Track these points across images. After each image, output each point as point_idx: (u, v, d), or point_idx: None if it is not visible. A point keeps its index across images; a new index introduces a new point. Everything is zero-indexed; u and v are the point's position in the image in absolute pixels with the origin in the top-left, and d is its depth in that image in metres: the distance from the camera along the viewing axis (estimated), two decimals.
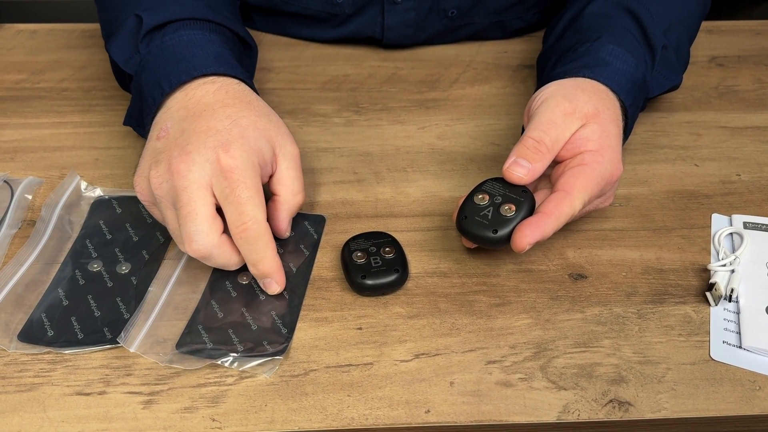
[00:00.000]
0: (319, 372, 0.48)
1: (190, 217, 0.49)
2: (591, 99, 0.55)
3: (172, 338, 0.49)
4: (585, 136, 0.53)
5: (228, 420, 0.45)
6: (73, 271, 0.53)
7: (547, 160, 0.53)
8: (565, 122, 0.53)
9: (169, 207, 0.50)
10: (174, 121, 0.53)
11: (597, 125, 0.54)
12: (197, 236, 0.49)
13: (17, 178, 0.61)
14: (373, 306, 0.52)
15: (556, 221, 0.50)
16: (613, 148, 0.54)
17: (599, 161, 0.52)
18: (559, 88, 0.57)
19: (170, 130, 0.52)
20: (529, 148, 0.52)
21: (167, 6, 0.60)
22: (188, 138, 0.51)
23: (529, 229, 0.50)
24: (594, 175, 0.52)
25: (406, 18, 0.76)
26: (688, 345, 0.50)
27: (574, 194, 0.51)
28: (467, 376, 0.48)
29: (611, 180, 0.54)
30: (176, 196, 0.49)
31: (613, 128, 0.55)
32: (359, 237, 0.55)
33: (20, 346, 0.49)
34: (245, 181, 0.49)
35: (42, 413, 0.45)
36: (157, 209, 0.52)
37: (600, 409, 0.46)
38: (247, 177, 0.49)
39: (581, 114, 0.54)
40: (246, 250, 0.50)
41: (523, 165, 0.52)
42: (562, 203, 0.51)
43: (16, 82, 0.73)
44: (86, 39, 0.79)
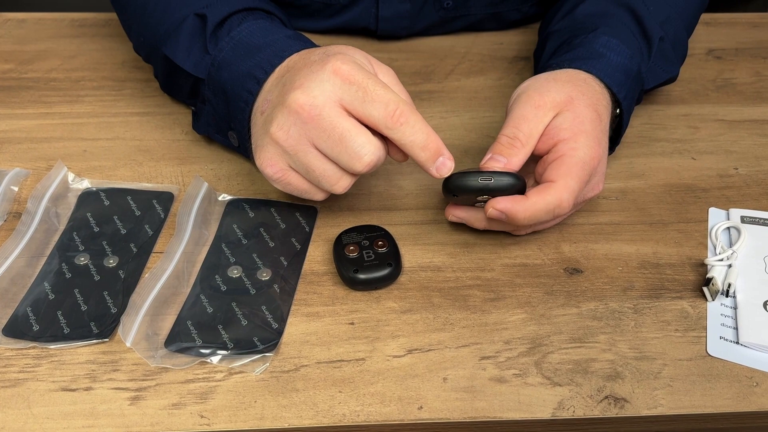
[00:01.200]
0: (310, 368, 0.47)
1: (345, 137, 0.47)
2: (564, 87, 0.55)
3: (161, 333, 0.48)
4: (558, 125, 0.53)
5: (217, 416, 0.44)
6: (60, 264, 0.52)
7: (523, 154, 0.52)
8: (536, 115, 0.53)
9: (309, 149, 0.48)
10: (272, 93, 0.51)
11: (569, 112, 0.53)
12: (363, 148, 0.47)
13: (3, 169, 0.60)
14: (365, 300, 0.51)
15: (534, 204, 0.50)
16: (587, 132, 0.53)
17: (575, 148, 0.52)
18: (533, 81, 0.56)
19: (271, 98, 0.51)
20: (503, 144, 0.52)
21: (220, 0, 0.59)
22: (291, 82, 0.49)
23: (504, 201, 0.50)
24: (572, 163, 0.51)
25: (401, 9, 0.75)
26: (684, 340, 0.49)
27: (559, 183, 0.51)
28: (461, 372, 0.47)
29: (592, 164, 0.53)
30: (315, 129, 0.47)
31: (588, 113, 0.54)
32: (352, 230, 0.54)
33: (5, 341, 0.48)
34: (370, 77, 0.47)
35: (26, 409, 0.44)
36: (293, 174, 0.50)
37: (595, 405, 0.46)
38: (369, 74, 0.48)
39: (553, 104, 0.53)
40: (410, 136, 0.48)
41: (499, 160, 0.52)
42: (543, 191, 0.50)
43: (3, 72, 0.72)
44: (75, 29, 0.78)
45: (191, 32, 0.58)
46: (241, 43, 0.56)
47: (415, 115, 0.48)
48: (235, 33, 0.57)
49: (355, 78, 0.47)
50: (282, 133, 0.48)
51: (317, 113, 0.47)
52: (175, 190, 0.59)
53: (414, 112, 0.48)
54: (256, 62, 0.54)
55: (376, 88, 0.47)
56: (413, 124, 0.47)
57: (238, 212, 0.57)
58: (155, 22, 0.61)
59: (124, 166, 0.61)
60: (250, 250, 0.54)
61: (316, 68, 0.48)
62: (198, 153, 0.63)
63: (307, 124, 0.47)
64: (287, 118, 0.48)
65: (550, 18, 0.69)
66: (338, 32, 0.78)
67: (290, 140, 0.48)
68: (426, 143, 0.48)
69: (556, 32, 0.65)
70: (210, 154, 0.63)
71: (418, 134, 0.48)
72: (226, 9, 0.58)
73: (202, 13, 0.58)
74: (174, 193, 0.59)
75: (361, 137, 0.47)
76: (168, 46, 0.59)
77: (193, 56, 0.58)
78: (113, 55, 0.74)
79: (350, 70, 0.47)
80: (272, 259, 0.53)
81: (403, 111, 0.47)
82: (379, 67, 0.51)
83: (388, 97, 0.47)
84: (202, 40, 0.58)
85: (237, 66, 0.55)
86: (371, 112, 0.47)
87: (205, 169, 0.61)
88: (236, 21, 0.58)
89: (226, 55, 0.56)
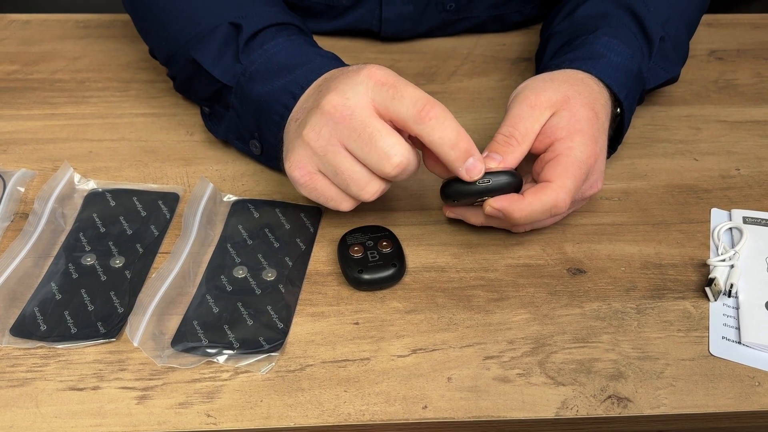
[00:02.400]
0: (315, 367, 0.47)
1: (375, 136, 0.47)
2: (560, 87, 0.55)
3: (167, 333, 0.49)
4: (554, 124, 0.53)
5: (223, 416, 0.45)
6: (66, 264, 0.53)
7: (519, 153, 0.53)
8: (532, 114, 0.53)
9: (339, 149, 0.48)
10: (307, 102, 0.52)
11: (566, 111, 0.54)
12: (392, 149, 0.47)
13: (10, 170, 0.60)
14: (370, 301, 0.52)
15: (530, 204, 0.50)
16: (584, 131, 0.53)
17: (570, 147, 0.52)
18: (530, 81, 0.57)
19: (306, 106, 0.52)
20: (499, 143, 0.53)
21: (260, 11, 0.59)
22: (327, 88, 0.49)
23: (502, 200, 0.50)
24: (569, 162, 0.52)
25: (403, 11, 0.75)
26: (687, 340, 0.50)
27: (555, 183, 0.51)
28: (465, 372, 0.47)
29: (589, 163, 0.53)
30: (346, 128, 0.47)
31: (584, 112, 0.54)
32: (356, 231, 0.55)
33: (12, 341, 0.48)
34: (402, 79, 0.48)
35: (35, 408, 0.45)
36: (321, 178, 0.50)
37: (598, 405, 0.46)
38: (402, 78, 0.48)
39: (549, 103, 0.54)
40: (438, 132, 0.47)
41: (495, 158, 0.52)
42: (540, 191, 0.51)
43: (8, 73, 0.72)
44: (80, 30, 0.78)
45: (224, 40, 0.59)
46: (275, 58, 0.57)
47: (445, 113, 0.48)
48: (268, 47, 0.57)
49: (387, 79, 0.48)
50: (314, 134, 0.48)
51: (349, 113, 0.47)
52: (180, 191, 0.59)
53: (444, 110, 0.48)
54: (293, 78, 0.55)
55: (406, 87, 0.47)
56: (443, 121, 0.47)
57: (243, 213, 0.57)
58: (182, 27, 0.61)
59: (129, 166, 0.62)
60: (255, 250, 0.54)
61: (351, 74, 0.49)
62: (203, 154, 0.63)
63: (339, 124, 0.47)
64: (320, 120, 0.48)
65: (551, 19, 0.70)
66: (341, 34, 0.78)
67: (321, 141, 0.48)
68: (456, 142, 0.48)
69: (556, 33, 0.66)
70: (215, 155, 0.63)
71: (448, 131, 0.48)
72: (261, 22, 0.59)
73: (238, 23, 0.58)
74: (179, 193, 0.59)
75: (391, 138, 0.47)
76: (198, 51, 0.59)
77: (223, 63, 0.58)
78: (118, 56, 0.74)
79: (384, 74, 0.48)
80: (277, 259, 0.54)
81: (431, 107, 0.47)
82: None
83: (417, 94, 0.47)
84: (234, 48, 0.58)
85: (272, 81, 0.56)
86: (399, 109, 0.47)
87: (210, 170, 0.62)
88: (269, 35, 0.58)
89: (258, 67, 0.57)
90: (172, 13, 0.62)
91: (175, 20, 0.62)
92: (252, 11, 0.59)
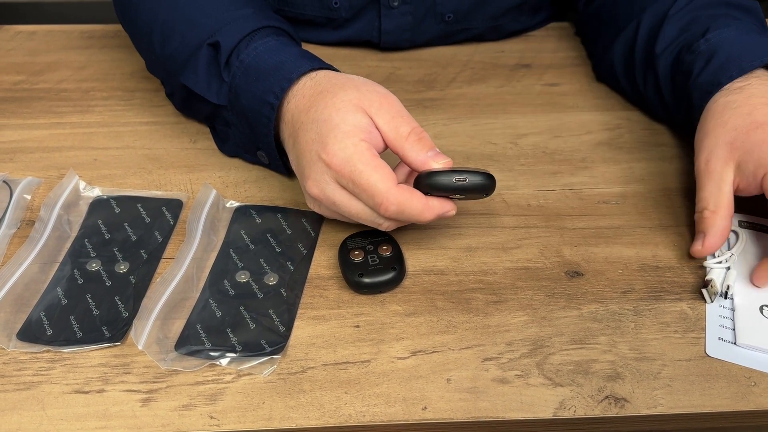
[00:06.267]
0: (316, 369, 0.48)
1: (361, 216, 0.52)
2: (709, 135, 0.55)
3: (171, 337, 0.49)
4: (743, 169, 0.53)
5: (226, 417, 0.45)
6: (72, 270, 0.54)
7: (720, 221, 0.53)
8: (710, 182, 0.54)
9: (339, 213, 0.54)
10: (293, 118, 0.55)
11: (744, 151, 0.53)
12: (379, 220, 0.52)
13: (16, 178, 0.61)
14: (370, 304, 0.52)
15: None
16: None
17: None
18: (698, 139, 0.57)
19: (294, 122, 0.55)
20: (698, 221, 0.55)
21: (232, 24, 0.60)
22: (300, 158, 0.53)
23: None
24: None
25: (402, 22, 0.76)
26: (683, 341, 0.50)
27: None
28: (464, 373, 0.48)
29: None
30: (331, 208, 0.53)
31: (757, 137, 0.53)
32: (357, 235, 0.56)
33: (19, 345, 0.49)
34: (355, 168, 0.49)
35: (41, 411, 0.45)
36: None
37: (596, 405, 0.46)
38: (354, 162, 0.50)
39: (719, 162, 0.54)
40: (404, 220, 0.52)
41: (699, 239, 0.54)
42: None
43: (15, 83, 0.73)
44: (85, 40, 0.80)
45: (207, 62, 0.60)
46: (250, 66, 0.57)
47: (398, 209, 0.50)
48: (244, 56, 0.58)
49: (342, 170, 0.50)
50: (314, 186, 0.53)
51: (325, 199, 0.52)
52: (184, 198, 0.60)
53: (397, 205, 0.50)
54: (267, 86, 0.56)
55: (360, 182, 0.50)
56: (400, 214, 0.50)
57: (246, 218, 0.58)
58: (169, 53, 0.62)
59: (134, 174, 0.63)
60: (257, 255, 0.55)
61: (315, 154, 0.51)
62: (206, 161, 0.64)
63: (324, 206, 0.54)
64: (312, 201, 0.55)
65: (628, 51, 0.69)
66: (342, 45, 0.79)
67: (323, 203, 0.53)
68: (421, 212, 0.51)
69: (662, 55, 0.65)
70: (218, 162, 0.64)
71: (409, 219, 0.51)
72: (236, 35, 0.59)
73: (215, 41, 0.59)
74: (183, 200, 0.60)
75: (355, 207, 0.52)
76: (186, 77, 0.60)
77: (213, 86, 0.59)
78: (122, 65, 0.76)
79: (339, 162, 0.50)
80: (279, 264, 0.55)
81: (386, 209, 0.50)
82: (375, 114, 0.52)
83: (371, 191, 0.49)
84: (217, 68, 0.59)
85: (251, 91, 0.57)
86: (362, 202, 0.51)
87: (213, 176, 0.63)
88: (244, 44, 0.59)
89: (238, 81, 0.58)
90: (152, 37, 0.63)
91: (158, 45, 0.63)
92: (227, 24, 0.59)
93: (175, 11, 0.62)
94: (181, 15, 0.62)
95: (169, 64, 0.62)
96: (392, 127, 0.52)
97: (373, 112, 0.52)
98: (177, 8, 0.62)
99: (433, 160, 0.51)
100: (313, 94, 0.54)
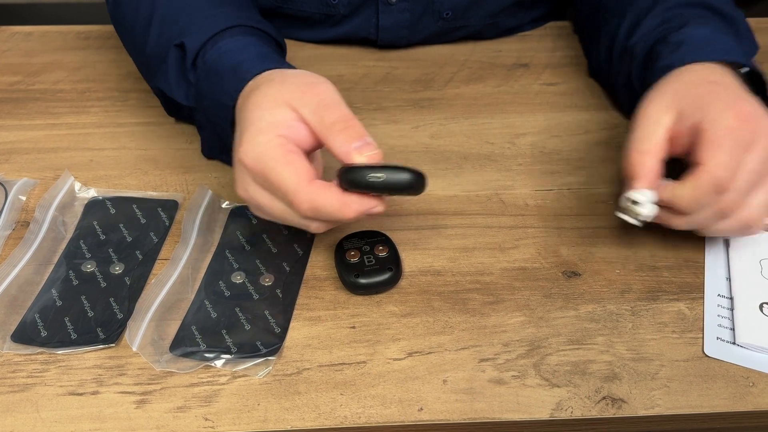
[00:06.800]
0: (312, 371, 0.48)
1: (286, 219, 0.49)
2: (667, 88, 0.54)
3: (166, 338, 0.49)
4: (684, 116, 0.51)
5: (221, 419, 0.45)
6: (67, 271, 0.53)
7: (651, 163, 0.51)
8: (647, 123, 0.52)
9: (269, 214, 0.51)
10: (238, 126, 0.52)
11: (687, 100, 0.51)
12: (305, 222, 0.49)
13: (11, 179, 0.61)
14: (366, 305, 0.52)
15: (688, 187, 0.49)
16: (716, 100, 0.50)
17: (712, 119, 0.49)
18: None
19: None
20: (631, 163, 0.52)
21: (202, 22, 0.59)
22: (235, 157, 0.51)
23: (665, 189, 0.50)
24: (714, 135, 0.49)
25: (400, 19, 0.76)
26: (681, 341, 0.50)
27: (705, 161, 0.48)
28: (460, 374, 0.48)
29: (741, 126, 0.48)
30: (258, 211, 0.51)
31: (703, 88, 0.52)
32: (353, 236, 0.55)
33: (13, 347, 0.49)
34: (266, 165, 0.47)
35: (35, 413, 0.45)
36: None
37: (593, 406, 0.46)
38: (266, 160, 0.47)
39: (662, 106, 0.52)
40: (323, 219, 0.48)
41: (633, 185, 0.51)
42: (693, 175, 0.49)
43: (10, 84, 0.73)
44: (81, 41, 0.80)
45: (176, 64, 0.59)
46: (212, 67, 0.57)
47: (315, 208, 0.47)
48: (208, 56, 0.57)
49: (255, 168, 0.48)
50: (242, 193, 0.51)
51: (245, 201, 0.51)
52: (179, 198, 0.60)
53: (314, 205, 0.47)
54: (223, 88, 0.55)
55: (273, 181, 0.47)
56: (316, 213, 0.47)
57: (242, 219, 0.58)
58: (146, 56, 0.62)
59: (129, 175, 0.62)
60: (253, 256, 0.55)
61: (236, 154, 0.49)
62: (202, 161, 0.64)
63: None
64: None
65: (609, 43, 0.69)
66: (339, 42, 0.79)
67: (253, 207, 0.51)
68: (339, 209, 0.47)
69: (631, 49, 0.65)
70: (213, 163, 0.64)
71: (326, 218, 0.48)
72: (203, 35, 0.58)
73: (180, 42, 0.59)
74: (178, 201, 0.60)
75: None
76: (159, 79, 0.61)
77: (182, 87, 0.59)
78: (118, 66, 0.75)
79: (249, 162, 0.48)
80: (275, 264, 0.54)
81: (301, 209, 0.47)
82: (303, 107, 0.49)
83: (285, 190, 0.47)
84: (184, 70, 0.59)
85: (211, 93, 0.56)
86: (275, 195, 0.48)
87: (209, 177, 0.62)
88: (211, 44, 0.58)
89: (201, 83, 0.57)
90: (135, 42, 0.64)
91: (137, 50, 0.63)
92: (196, 24, 0.59)
93: (155, 9, 0.62)
94: (159, 14, 0.62)
95: (144, 70, 0.63)
96: (317, 116, 0.48)
97: (297, 104, 0.49)
98: (156, 7, 0.62)
99: (357, 152, 0.47)
100: (248, 92, 0.52)
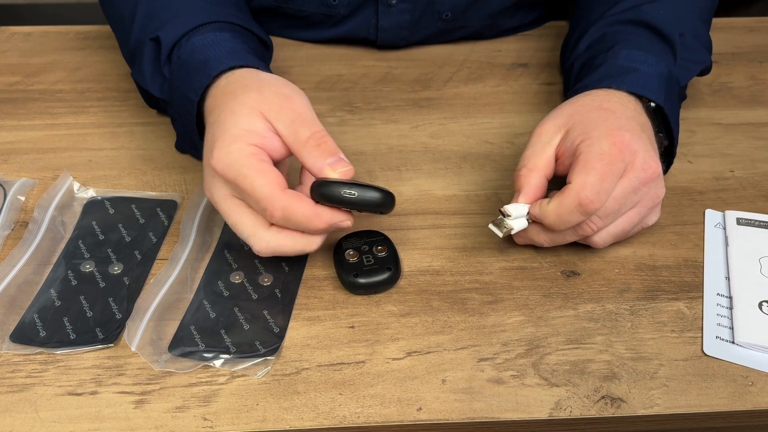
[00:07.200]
0: (311, 370, 0.48)
1: (237, 228, 0.50)
2: (565, 109, 0.56)
3: (165, 338, 0.49)
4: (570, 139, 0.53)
5: (219, 419, 0.45)
6: (66, 271, 0.53)
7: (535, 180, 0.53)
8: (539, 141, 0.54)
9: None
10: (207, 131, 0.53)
11: (577, 123, 0.54)
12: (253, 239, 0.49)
13: (10, 179, 0.61)
14: (365, 304, 0.52)
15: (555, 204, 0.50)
16: (600, 127, 0.52)
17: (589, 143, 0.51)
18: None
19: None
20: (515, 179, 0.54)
21: (179, 17, 0.59)
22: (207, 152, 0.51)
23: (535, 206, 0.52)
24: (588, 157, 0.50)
25: (400, 19, 0.76)
26: (680, 341, 0.50)
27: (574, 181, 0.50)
28: (459, 374, 0.48)
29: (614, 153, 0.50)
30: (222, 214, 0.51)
31: (593, 114, 0.54)
32: (352, 236, 0.55)
33: (12, 347, 0.49)
34: (239, 172, 0.48)
35: (34, 413, 0.45)
36: None
37: (592, 405, 0.46)
38: (238, 167, 0.48)
39: (554, 126, 0.55)
40: (293, 227, 0.49)
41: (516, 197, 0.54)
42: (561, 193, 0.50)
43: (9, 84, 0.73)
44: (80, 41, 0.80)
45: (151, 57, 0.60)
46: (184, 62, 0.57)
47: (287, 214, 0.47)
48: (182, 51, 0.58)
49: (228, 175, 0.48)
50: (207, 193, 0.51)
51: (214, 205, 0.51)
52: (178, 198, 0.60)
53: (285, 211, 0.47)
54: (191, 83, 0.55)
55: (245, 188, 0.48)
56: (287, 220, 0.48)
57: None
58: (129, 50, 0.63)
59: (128, 175, 0.62)
60: (252, 256, 0.55)
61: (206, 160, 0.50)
62: (200, 161, 0.64)
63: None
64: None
65: (565, 52, 0.71)
66: (339, 42, 0.79)
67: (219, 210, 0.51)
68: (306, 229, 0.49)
69: (575, 61, 0.66)
70: None
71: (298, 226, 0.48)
72: (179, 30, 0.58)
73: (156, 36, 0.59)
74: (177, 200, 0.60)
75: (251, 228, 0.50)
76: (135, 71, 0.61)
77: (156, 81, 0.60)
78: (117, 66, 0.75)
79: (222, 169, 0.48)
80: (274, 264, 0.54)
81: (273, 215, 0.47)
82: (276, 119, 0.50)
83: (257, 197, 0.47)
84: (159, 63, 0.59)
85: (180, 87, 0.57)
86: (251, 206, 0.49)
87: None
88: (185, 39, 0.58)
89: (174, 77, 0.58)
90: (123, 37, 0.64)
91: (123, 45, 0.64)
92: (174, 18, 0.59)
93: (138, 4, 0.62)
94: (141, 9, 0.62)
95: (133, 57, 0.63)
96: (291, 131, 0.49)
97: (272, 117, 0.50)
98: (139, 2, 0.62)
99: (331, 167, 0.48)
100: (222, 94, 0.53)
